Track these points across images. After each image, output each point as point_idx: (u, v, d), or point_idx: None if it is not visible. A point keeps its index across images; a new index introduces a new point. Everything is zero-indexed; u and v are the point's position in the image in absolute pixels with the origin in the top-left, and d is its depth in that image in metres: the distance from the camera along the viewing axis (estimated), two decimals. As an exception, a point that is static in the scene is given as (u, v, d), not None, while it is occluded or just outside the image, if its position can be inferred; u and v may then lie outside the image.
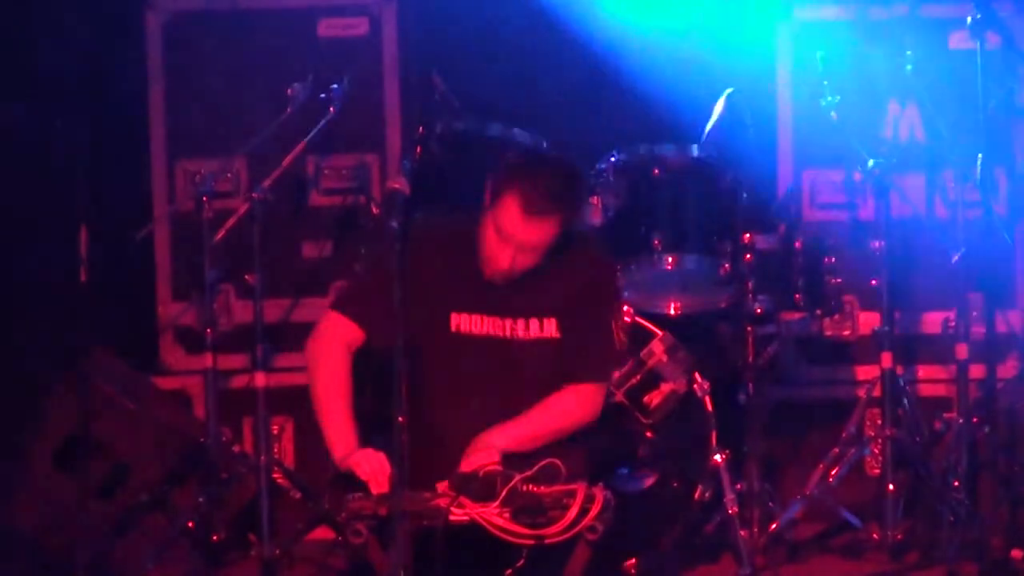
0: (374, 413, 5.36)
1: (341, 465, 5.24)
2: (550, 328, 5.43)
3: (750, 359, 6.63)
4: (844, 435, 6.82)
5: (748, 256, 6.61)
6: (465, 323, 5.40)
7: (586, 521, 4.96)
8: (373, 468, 5.13)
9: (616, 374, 6.39)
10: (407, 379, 4.91)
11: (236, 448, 7.03)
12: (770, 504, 6.58)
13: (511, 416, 5.36)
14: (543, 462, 5.09)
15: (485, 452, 5.24)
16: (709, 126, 6.72)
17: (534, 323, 5.43)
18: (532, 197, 5.23)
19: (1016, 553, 6.35)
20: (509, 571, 5.04)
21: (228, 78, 7.48)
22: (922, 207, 7.38)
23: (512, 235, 5.27)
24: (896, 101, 7.30)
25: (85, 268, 7.05)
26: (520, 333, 5.42)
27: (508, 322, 5.42)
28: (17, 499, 6.83)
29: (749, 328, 6.65)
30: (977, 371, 6.81)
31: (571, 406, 5.42)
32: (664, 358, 6.45)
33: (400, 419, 4.72)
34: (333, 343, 5.44)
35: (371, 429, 5.32)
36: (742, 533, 6.40)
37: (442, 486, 5.08)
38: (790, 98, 7.49)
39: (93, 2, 7.44)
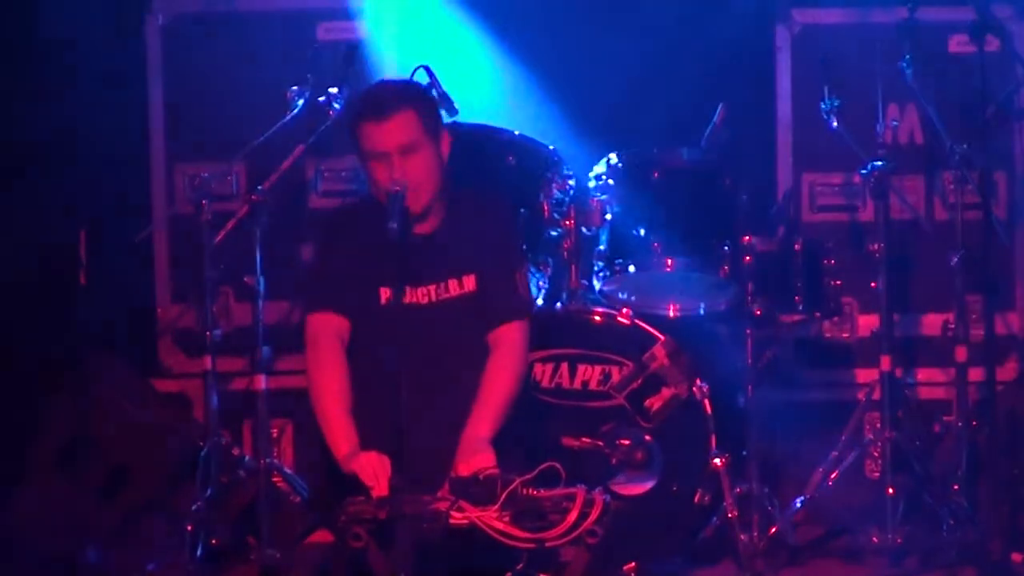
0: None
1: (344, 465, 5.25)
2: (469, 283, 5.57)
3: (749, 362, 6.63)
4: (843, 438, 6.82)
5: (747, 258, 6.61)
6: (396, 295, 5.48)
7: (586, 525, 4.96)
8: (376, 472, 5.13)
9: (616, 377, 6.40)
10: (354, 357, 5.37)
11: (236, 451, 7.02)
12: (770, 508, 6.58)
13: (450, 378, 5.45)
14: (542, 466, 5.08)
15: (479, 453, 5.24)
16: (709, 130, 6.74)
17: (453, 283, 5.57)
18: (371, 104, 5.50)
19: (1016, 557, 6.35)
20: (509, 574, 5.04)
21: (228, 81, 7.48)
22: (921, 209, 7.38)
23: (377, 146, 5.45)
24: (895, 104, 7.30)
25: (85, 271, 7.05)
26: (443, 295, 5.56)
27: (432, 288, 5.55)
28: (17, 500, 6.83)
29: (748, 330, 6.65)
30: (976, 374, 6.80)
31: (508, 357, 5.52)
32: (666, 362, 6.44)
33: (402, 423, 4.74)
34: (327, 345, 5.51)
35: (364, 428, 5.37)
36: (742, 537, 6.39)
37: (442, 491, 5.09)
38: (789, 100, 7.49)
39: (95, 3, 7.42)
